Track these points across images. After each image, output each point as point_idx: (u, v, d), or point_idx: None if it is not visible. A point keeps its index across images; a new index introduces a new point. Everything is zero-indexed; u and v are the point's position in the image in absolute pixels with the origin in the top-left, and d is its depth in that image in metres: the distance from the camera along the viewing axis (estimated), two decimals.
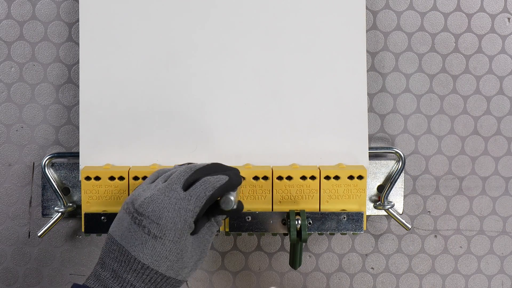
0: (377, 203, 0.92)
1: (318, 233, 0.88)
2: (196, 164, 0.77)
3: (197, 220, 0.73)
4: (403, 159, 0.91)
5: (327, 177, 0.85)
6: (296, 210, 0.85)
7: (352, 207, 0.86)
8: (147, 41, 0.88)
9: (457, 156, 0.96)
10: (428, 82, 0.95)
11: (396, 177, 0.91)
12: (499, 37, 0.95)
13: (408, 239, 0.97)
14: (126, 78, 0.88)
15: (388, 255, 0.97)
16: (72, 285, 0.72)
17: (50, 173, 0.90)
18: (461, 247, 0.97)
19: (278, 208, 0.86)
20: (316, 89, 0.89)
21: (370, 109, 0.94)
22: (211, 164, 0.77)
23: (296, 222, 0.83)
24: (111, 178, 0.85)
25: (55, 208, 0.90)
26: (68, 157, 0.92)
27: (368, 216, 0.95)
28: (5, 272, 0.95)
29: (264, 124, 0.89)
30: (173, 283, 0.73)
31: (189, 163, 0.81)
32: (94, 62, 0.88)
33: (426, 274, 0.98)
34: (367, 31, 0.92)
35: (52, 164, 0.91)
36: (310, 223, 0.85)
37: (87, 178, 0.85)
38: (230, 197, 0.74)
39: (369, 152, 0.90)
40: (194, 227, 0.74)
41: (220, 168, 0.77)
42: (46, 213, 0.92)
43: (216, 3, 0.89)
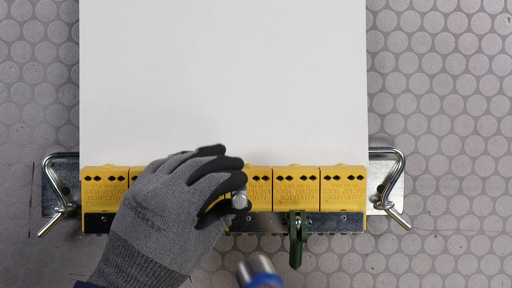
0: (377, 203, 0.92)
1: (318, 233, 0.88)
2: (201, 159, 0.76)
3: (200, 214, 0.74)
4: (403, 159, 0.91)
5: (327, 177, 0.85)
6: (296, 210, 0.85)
7: (352, 207, 0.86)
8: (147, 41, 0.88)
9: (457, 156, 0.96)
10: (428, 82, 0.95)
11: (396, 177, 0.91)
12: (499, 37, 0.95)
13: (408, 239, 0.97)
14: (126, 78, 0.88)
15: (388, 255, 0.97)
16: (76, 283, 0.72)
17: (50, 173, 0.90)
18: (461, 247, 0.97)
19: (278, 208, 0.86)
20: (316, 89, 0.89)
21: (370, 109, 0.94)
22: (217, 159, 0.77)
23: (296, 222, 0.83)
24: (111, 178, 0.85)
25: (55, 208, 0.90)
26: (68, 157, 0.92)
27: (368, 216, 0.95)
28: (5, 272, 0.95)
29: (264, 124, 0.89)
30: (176, 277, 0.73)
31: (182, 151, 0.80)
32: (94, 62, 0.88)
33: (426, 274, 0.98)
34: (367, 31, 0.92)
35: (52, 164, 0.91)
36: (310, 223, 0.86)
37: (87, 178, 0.85)
38: (243, 196, 0.75)
39: (369, 152, 0.90)
40: (199, 221, 0.75)
41: (225, 162, 0.77)
42: (46, 213, 0.92)
43: (216, 3, 0.89)
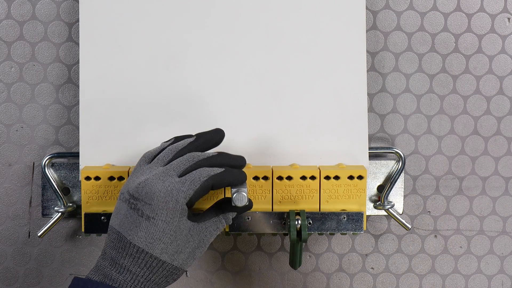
0: (377, 203, 0.92)
1: (318, 233, 0.88)
2: (199, 154, 0.76)
3: (191, 204, 0.73)
4: (403, 159, 0.91)
5: (327, 177, 0.85)
6: (296, 210, 0.85)
7: (352, 207, 0.86)
8: (147, 41, 0.88)
9: (457, 156, 0.96)
10: (428, 82, 0.95)
11: (396, 177, 0.91)
12: (499, 37, 0.95)
13: (408, 239, 0.97)
14: (126, 78, 0.88)
15: (388, 255, 0.97)
16: (73, 278, 0.72)
17: (50, 173, 0.90)
18: (461, 247, 0.97)
19: (278, 208, 0.86)
20: (316, 89, 0.89)
21: (370, 109, 0.94)
22: (215, 156, 0.77)
23: (296, 222, 0.83)
24: (111, 178, 0.85)
25: (55, 208, 0.90)
26: (68, 157, 0.92)
27: (368, 216, 0.95)
28: (5, 272, 0.95)
29: (264, 124, 0.89)
30: (170, 269, 0.73)
31: (176, 138, 0.80)
32: (94, 62, 0.88)
33: (426, 274, 0.98)
34: (367, 31, 0.92)
35: (52, 164, 0.91)
36: (310, 223, 0.85)
37: (87, 178, 0.85)
38: (243, 193, 0.75)
39: (369, 152, 0.90)
40: (196, 215, 0.75)
41: (224, 159, 0.77)
42: (46, 213, 0.92)
43: (216, 3, 0.89)
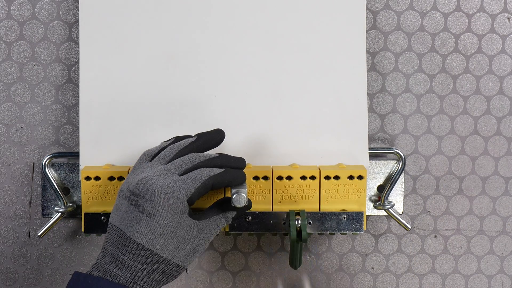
0: (377, 203, 0.92)
1: (318, 233, 0.88)
2: (200, 155, 0.77)
3: (192, 201, 0.74)
4: (403, 160, 0.91)
5: (327, 177, 0.85)
6: (296, 210, 0.85)
7: (352, 207, 0.86)
8: (147, 41, 0.88)
9: (457, 156, 0.96)
10: (428, 82, 0.95)
11: (397, 178, 0.91)
12: (499, 37, 0.95)
13: (408, 239, 0.97)
14: (126, 78, 0.88)
15: (388, 255, 0.97)
16: (74, 273, 0.72)
17: (50, 173, 0.90)
18: (461, 247, 0.97)
19: (278, 208, 0.86)
20: (316, 89, 0.89)
21: (370, 109, 0.94)
22: (216, 157, 0.77)
23: (296, 222, 0.83)
24: (111, 178, 0.85)
25: (55, 208, 0.90)
26: (68, 157, 0.92)
27: (368, 216, 0.95)
28: (5, 272, 0.95)
29: (264, 124, 0.89)
30: (170, 265, 0.73)
31: (176, 137, 0.81)
32: (94, 62, 0.88)
33: (426, 274, 0.98)
34: (367, 31, 0.92)
35: (52, 164, 0.91)
36: (310, 223, 0.85)
37: (87, 178, 0.85)
38: (243, 194, 0.76)
39: (369, 153, 0.90)
40: (197, 213, 0.76)
41: (224, 160, 0.78)
42: (46, 213, 0.92)
43: (216, 3, 0.89)
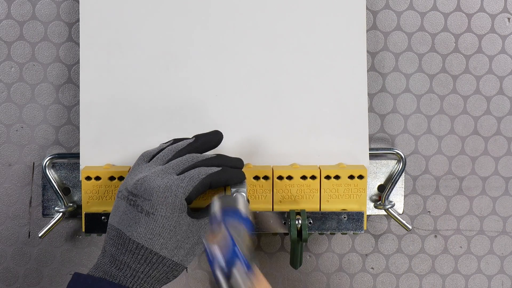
0: (378, 203, 0.92)
1: (319, 233, 0.87)
2: (198, 155, 0.77)
3: (190, 200, 0.74)
4: (404, 160, 0.91)
5: (328, 177, 0.85)
6: (297, 209, 0.85)
7: (352, 207, 0.86)
8: (147, 41, 0.88)
9: (457, 156, 0.96)
10: (428, 82, 0.95)
11: (397, 178, 0.91)
12: (499, 37, 0.95)
13: (408, 239, 0.97)
14: (127, 78, 0.88)
15: (388, 255, 0.97)
16: (74, 274, 0.72)
17: (50, 173, 0.90)
18: (461, 247, 0.97)
19: (278, 208, 0.86)
20: (317, 89, 0.89)
21: (370, 109, 0.94)
22: (213, 158, 0.78)
23: (297, 222, 0.83)
24: (111, 178, 0.85)
25: (56, 208, 0.90)
26: (68, 158, 0.92)
27: (368, 216, 0.95)
28: (5, 272, 0.95)
29: (265, 124, 0.89)
30: (169, 264, 0.73)
31: (174, 140, 0.81)
32: (94, 62, 0.88)
33: (426, 274, 0.98)
34: (367, 31, 0.92)
35: (52, 165, 0.91)
36: (310, 223, 0.85)
37: (88, 178, 0.85)
38: (243, 194, 0.76)
39: (369, 153, 0.90)
40: (196, 211, 0.76)
41: (222, 160, 0.78)
42: (46, 213, 0.92)
43: (216, 3, 0.89)
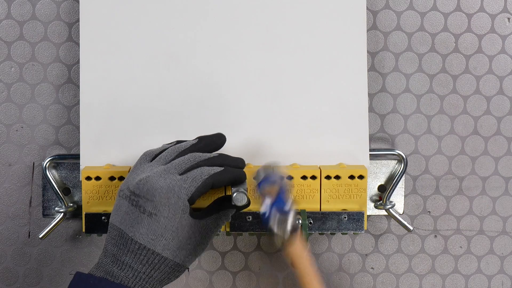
0: (378, 203, 0.92)
1: (319, 233, 0.88)
2: (200, 154, 0.77)
3: (193, 201, 0.74)
4: (405, 161, 0.91)
5: (328, 177, 0.85)
6: (297, 210, 0.85)
7: (353, 207, 0.86)
8: (147, 41, 0.88)
9: (457, 156, 0.96)
10: (428, 82, 0.95)
11: (398, 179, 0.91)
12: (499, 37, 0.95)
13: (408, 239, 0.97)
14: (127, 78, 0.88)
15: (388, 255, 0.97)
16: (75, 273, 0.72)
17: (51, 174, 0.90)
18: (461, 247, 0.97)
19: None
20: (317, 89, 0.89)
21: (370, 109, 0.94)
22: (216, 157, 0.77)
23: (297, 222, 0.83)
24: (112, 178, 0.85)
25: (56, 209, 0.90)
26: (68, 159, 0.92)
27: (368, 216, 0.95)
28: (5, 272, 0.95)
29: (265, 124, 0.89)
30: (171, 265, 0.73)
31: (177, 141, 0.81)
32: (94, 62, 0.88)
33: (426, 274, 0.98)
34: (367, 31, 0.92)
35: (53, 165, 0.91)
36: (310, 223, 0.85)
37: (88, 178, 0.85)
38: (243, 193, 0.76)
39: (369, 153, 0.90)
40: (198, 212, 0.76)
41: (224, 160, 0.78)
42: (47, 214, 0.92)
43: (216, 3, 0.88)
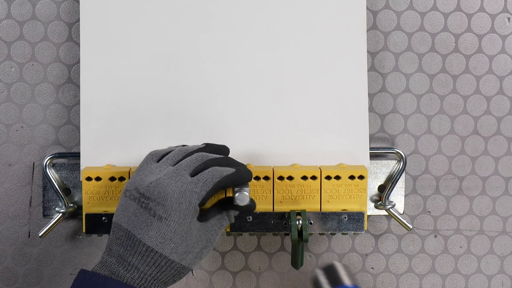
0: (378, 203, 0.92)
1: (319, 233, 0.88)
2: (207, 155, 0.77)
3: (203, 204, 0.74)
4: (404, 160, 0.91)
5: (328, 177, 0.85)
6: (297, 210, 0.85)
7: (353, 207, 0.86)
8: (148, 41, 0.88)
9: (457, 156, 0.96)
10: (428, 82, 0.95)
11: (397, 178, 0.91)
12: (499, 37, 0.95)
13: (408, 239, 0.97)
14: (127, 78, 0.88)
15: (388, 255, 0.97)
16: (80, 271, 0.72)
17: (51, 173, 0.90)
18: (461, 247, 0.97)
19: (279, 208, 0.86)
20: (317, 89, 0.89)
21: (370, 109, 0.94)
22: (222, 158, 0.78)
23: (297, 222, 0.83)
24: (112, 179, 0.85)
25: (56, 209, 0.90)
26: (68, 158, 0.92)
27: (368, 216, 0.95)
28: (5, 272, 0.95)
29: (265, 124, 0.89)
30: (177, 268, 0.73)
31: (183, 145, 0.81)
32: (95, 63, 0.88)
33: (426, 274, 0.98)
34: (367, 31, 0.92)
35: (53, 165, 0.91)
36: (311, 223, 0.85)
37: (88, 179, 0.85)
38: (245, 193, 0.76)
39: (370, 152, 0.90)
40: (203, 215, 0.76)
41: (230, 162, 0.78)
42: (47, 214, 0.92)
43: (217, 4, 0.88)
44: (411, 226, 0.93)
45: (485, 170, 0.96)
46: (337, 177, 0.86)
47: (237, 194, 0.76)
